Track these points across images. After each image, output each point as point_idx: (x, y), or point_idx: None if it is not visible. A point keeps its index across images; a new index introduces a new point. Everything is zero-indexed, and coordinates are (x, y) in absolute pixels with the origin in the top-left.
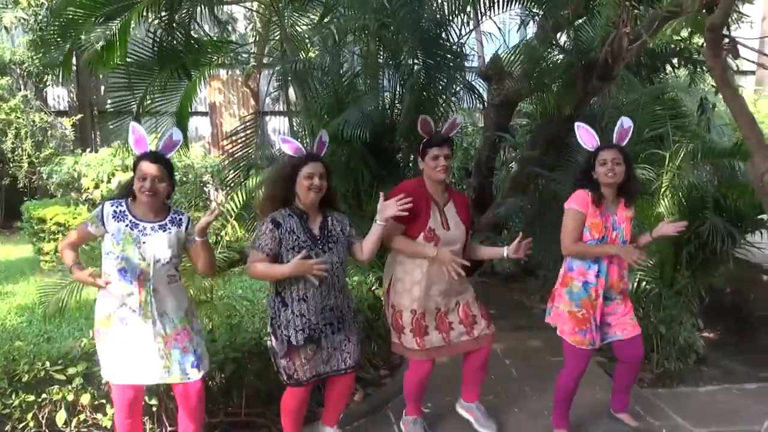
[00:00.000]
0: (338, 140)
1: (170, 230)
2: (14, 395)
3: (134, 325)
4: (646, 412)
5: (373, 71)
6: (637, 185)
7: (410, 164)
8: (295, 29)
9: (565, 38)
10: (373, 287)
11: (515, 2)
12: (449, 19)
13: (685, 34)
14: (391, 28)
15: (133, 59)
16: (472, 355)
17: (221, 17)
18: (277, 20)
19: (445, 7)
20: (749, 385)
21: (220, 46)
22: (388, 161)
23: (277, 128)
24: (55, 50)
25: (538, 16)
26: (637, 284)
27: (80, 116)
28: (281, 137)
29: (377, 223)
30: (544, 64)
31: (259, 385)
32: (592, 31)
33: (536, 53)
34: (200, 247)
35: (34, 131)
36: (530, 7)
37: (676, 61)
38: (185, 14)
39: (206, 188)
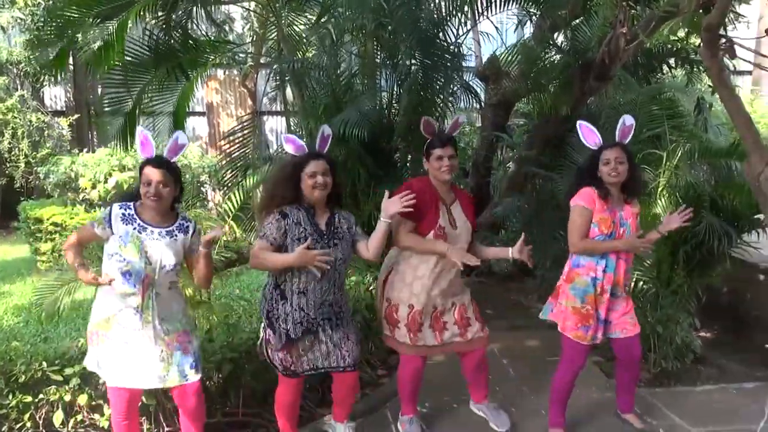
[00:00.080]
0: (336, 140)
1: (176, 237)
2: (11, 396)
3: (135, 328)
4: (643, 411)
5: (370, 71)
6: (640, 183)
7: (407, 164)
8: (292, 29)
9: (562, 38)
10: (370, 287)
11: (512, 2)
12: (447, 19)
13: (682, 34)
14: (388, 28)
15: (129, 57)
16: (466, 356)
17: (218, 17)
18: (274, 20)
19: (442, 7)
20: (746, 384)
21: (217, 45)
22: (385, 161)
23: (274, 128)
24: (51, 49)
25: (535, 16)
26: (634, 284)
27: (77, 116)
28: (284, 136)
29: (382, 220)
30: (541, 64)
31: (256, 385)
32: (589, 31)
33: (533, 53)
34: (201, 257)
35: (31, 131)
36: (527, 7)
37: (673, 61)
38: (182, 14)
39: (203, 188)
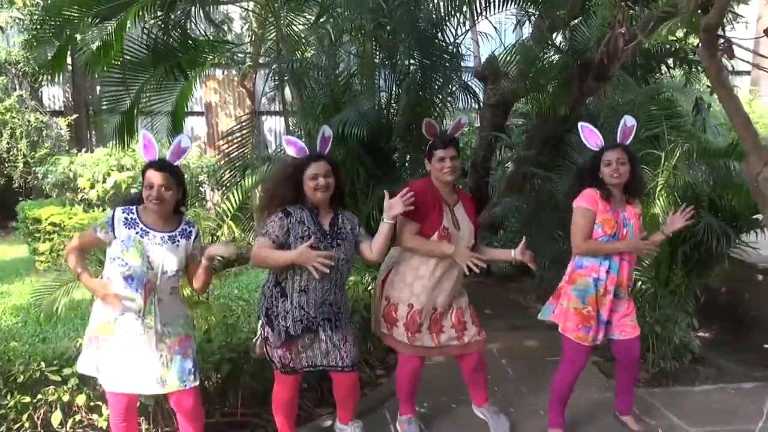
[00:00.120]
0: (335, 139)
1: (179, 243)
2: (9, 396)
3: (137, 333)
4: (642, 411)
5: (369, 71)
6: (642, 183)
7: (406, 164)
8: (291, 29)
9: (560, 38)
10: (368, 287)
11: (511, 2)
12: (445, 19)
13: (680, 34)
14: (387, 28)
15: (128, 56)
16: (463, 359)
17: (217, 17)
18: (273, 20)
19: (441, 7)
20: (744, 384)
21: (216, 45)
22: (384, 161)
23: (273, 128)
24: (49, 49)
25: (534, 16)
26: (632, 284)
27: (76, 116)
28: (285, 138)
29: (385, 221)
30: (539, 64)
31: (255, 385)
32: (587, 31)
33: (532, 53)
34: (202, 268)
35: (29, 131)
36: (526, 7)
37: (671, 61)
38: (181, 14)
39: (202, 188)
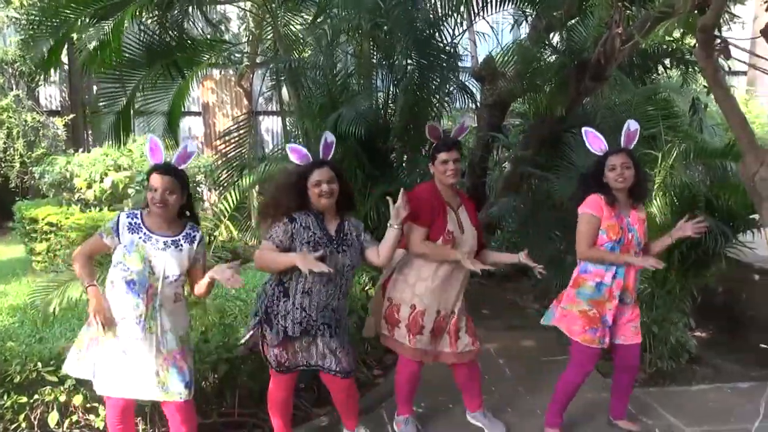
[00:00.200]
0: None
1: (182, 248)
2: (6, 396)
3: (136, 338)
4: (638, 411)
5: (366, 71)
6: (647, 187)
7: (404, 164)
8: (288, 29)
9: (557, 39)
10: (366, 287)
11: (508, 3)
12: (442, 19)
13: (677, 34)
14: (384, 28)
15: (125, 54)
16: (456, 367)
17: (214, 17)
18: (270, 20)
19: (438, 7)
20: (741, 384)
21: (213, 45)
22: (381, 161)
23: (270, 128)
24: (45, 48)
25: (531, 16)
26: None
27: (72, 116)
28: (288, 146)
29: (393, 227)
30: (536, 64)
31: (252, 385)
32: (584, 31)
33: (529, 54)
34: (204, 284)
35: (26, 131)
36: (523, 7)
37: (668, 61)
38: (178, 14)
39: (199, 188)
